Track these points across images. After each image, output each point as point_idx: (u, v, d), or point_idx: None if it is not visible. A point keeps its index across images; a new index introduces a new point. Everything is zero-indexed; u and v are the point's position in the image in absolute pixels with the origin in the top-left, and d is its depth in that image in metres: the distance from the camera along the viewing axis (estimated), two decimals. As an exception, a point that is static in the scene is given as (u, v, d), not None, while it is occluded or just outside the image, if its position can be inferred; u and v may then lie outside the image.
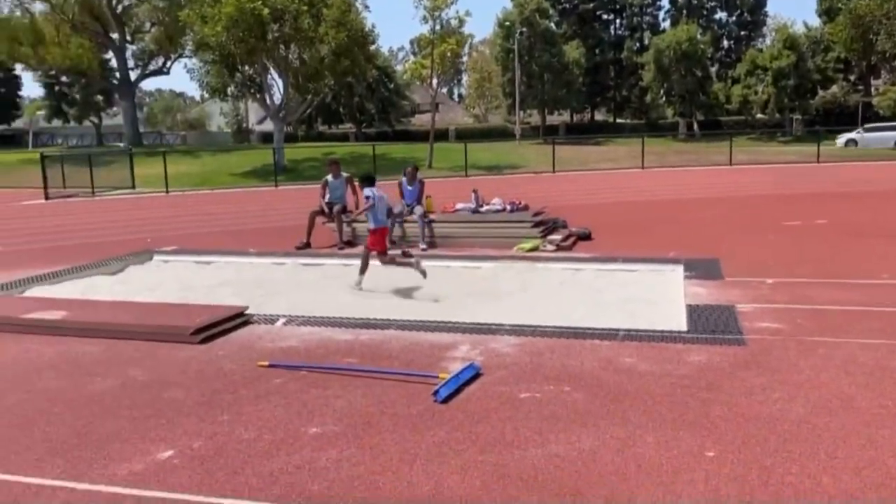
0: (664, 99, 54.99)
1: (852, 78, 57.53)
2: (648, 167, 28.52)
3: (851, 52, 44.77)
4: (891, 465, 3.62)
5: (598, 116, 66.31)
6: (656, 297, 7.61)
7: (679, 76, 50.38)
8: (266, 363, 5.50)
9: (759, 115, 52.87)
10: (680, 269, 8.58)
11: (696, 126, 52.69)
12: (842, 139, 39.04)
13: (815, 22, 58.95)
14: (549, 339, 5.96)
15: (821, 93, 55.42)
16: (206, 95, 48.10)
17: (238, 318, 6.72)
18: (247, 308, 6.96)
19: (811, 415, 4.25)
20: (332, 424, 4.33)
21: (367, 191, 8.46)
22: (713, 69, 57.03)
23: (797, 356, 5.31)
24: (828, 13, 55.12)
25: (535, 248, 10.46)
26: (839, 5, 49.87)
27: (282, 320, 6.81)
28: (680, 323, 6.35)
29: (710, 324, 6.19)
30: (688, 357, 5.37)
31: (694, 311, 6.62)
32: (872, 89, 57.48)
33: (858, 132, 39.23)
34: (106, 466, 3.86)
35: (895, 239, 10.42)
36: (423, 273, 8.13)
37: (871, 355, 5.24)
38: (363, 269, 8.42)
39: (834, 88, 57.88)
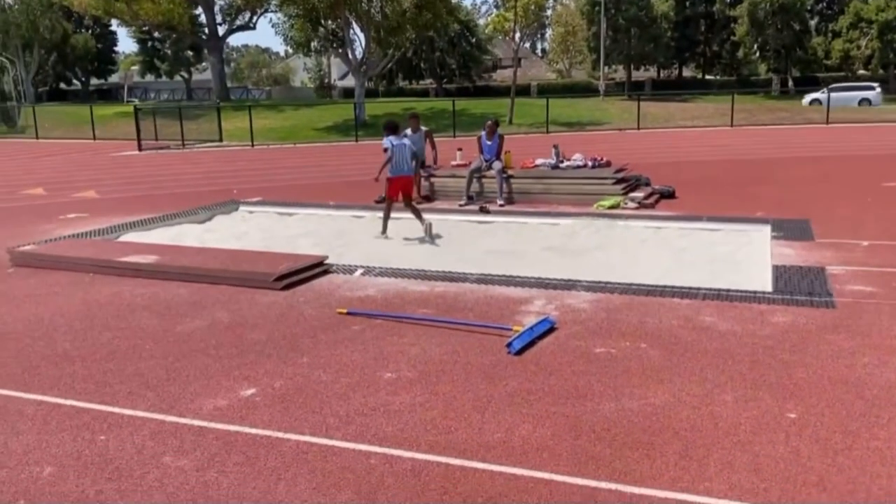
0: (758, 54, 52.40)
1: (970, 31, 53.28)
2: (738, 125, 27.37)
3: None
4: None
5: (686, 73, 63.79)
6: (741, 257, 7.37)
7: (775, 30, 47.80)
8: (345, 310, 5.62)
9: (862, 72, 49.76)
10: (767, 229, 8.26)
11: (790, 83, 50.12)
12: (807, 98, 38.76)
13: (930, -30, 54.71)
14: (627, 296, 5.87)
15: (932, 47, 51.64)
16: (291, 51, 48.77)
17: (318, 268, 6.88)
18: (326, 258, 7.11)
19: (903, 381, 4.06)
20: (406, 371, 4.41)
21: (385, 141, 8.60)
22: (812, 22, 53.86)
23: (891, 320, 5.06)
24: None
25: (615, 206, 10.26)
26: (957, -49, 46.09)
27: (360, 270, 6.94)
28: (765, 283, 6.13)
29: (796, 285, 5.96)
30: (771, 318, 5.20)
31: (780, 272, 6.38)
32: None
33: (823, 92, 37.66)
34: (192, 401, 4.05)
35: None
36: (429, 230, 8.52)
37: (974, 322, 4.95)
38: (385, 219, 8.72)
39: (947, 42, 53.83)
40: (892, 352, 4.48)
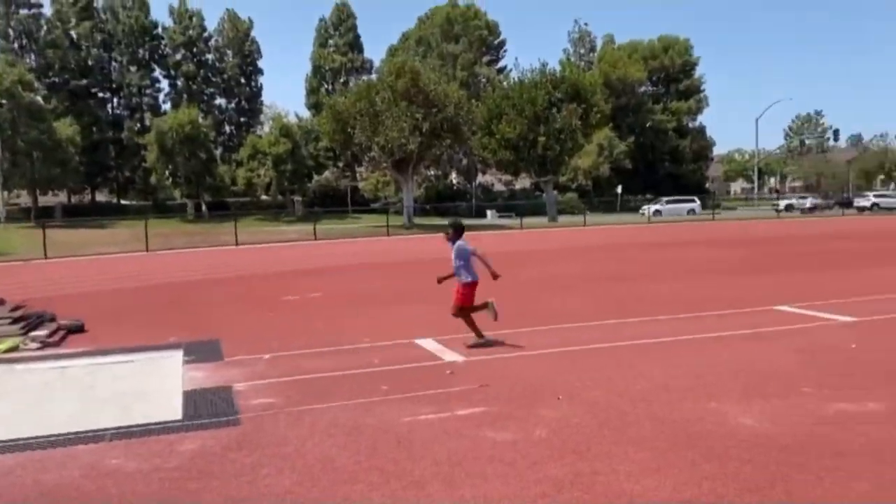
0: (170, 180, 54.54)
1: (341, 164, 65.24)
2: (154, 250, 27.64)
3: (335, 143, 50.69)
4: (361, 517, 3.96)
5: (101, 197, 62.48)
6: (153, 386, 7.24)
7: (184, 158, 50.61)
8: None
9: (264, 197, 56.09)
10: (179, 354, 8.36)
11: (204, 207, 53.30)
12: (649, 208, 48.41)
13: (307, 114, 65.61)
14: (22, 453, 5.17)
15: (316, 177, 61.48)
16: None
17: None
18: None
19: (296, 485, 4.44)
20: None
21: (462, 242, 8.28)
22: (218, 152, 58.88)
23: (287, 428, 5.55)
24: (315, 107, 61.92)
25: (14, 348, 9.13)
26: (323, 101, 56.34)
27: None
28: (175, 411, 6.12)
29: (204, 408, 6.11)
30: (180, 446, 5.18)
31: (190, 397, 6.48)
32: (357, 175, 66.09)
33: (662, 203, 50.51)
34: None
35: (379, 305, 11.88)
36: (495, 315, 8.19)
37: (349, 416, 5.77)
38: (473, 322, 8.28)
39: (327, 173, 64.85)
40: (287, 458, 4.89)
